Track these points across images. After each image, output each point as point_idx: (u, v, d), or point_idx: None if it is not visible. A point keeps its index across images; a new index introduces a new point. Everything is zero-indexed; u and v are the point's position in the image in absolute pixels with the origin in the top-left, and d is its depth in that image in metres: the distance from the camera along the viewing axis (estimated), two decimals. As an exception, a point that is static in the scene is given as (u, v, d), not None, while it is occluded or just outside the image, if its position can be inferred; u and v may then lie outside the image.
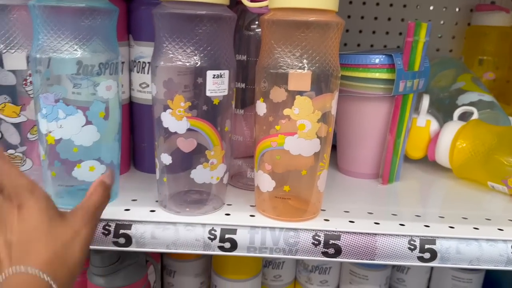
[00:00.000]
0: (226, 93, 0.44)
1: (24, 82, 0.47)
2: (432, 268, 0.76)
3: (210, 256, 0.70)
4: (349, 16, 0.86)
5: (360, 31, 0.87)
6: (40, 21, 0.41)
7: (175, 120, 0.43)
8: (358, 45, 0.88)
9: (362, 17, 0.87)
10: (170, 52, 0.42)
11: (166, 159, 0.45)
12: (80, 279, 0.57)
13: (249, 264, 0.67)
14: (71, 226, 0.35)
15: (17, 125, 0.48)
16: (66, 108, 0.42)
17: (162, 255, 0.70)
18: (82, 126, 0.43)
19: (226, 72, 0.44)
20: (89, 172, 0.45)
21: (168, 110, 0.43)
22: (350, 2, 0.86)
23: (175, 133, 0.44)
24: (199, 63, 0.42)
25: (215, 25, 0.42)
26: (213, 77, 0.43)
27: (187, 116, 0.43)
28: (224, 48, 0.44)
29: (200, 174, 0.45)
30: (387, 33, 0.88)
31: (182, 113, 0.43)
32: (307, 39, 0.41)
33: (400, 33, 0.87)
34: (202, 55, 0.42)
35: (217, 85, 0.43)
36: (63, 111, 0.42)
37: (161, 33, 0.43)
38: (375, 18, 0.87)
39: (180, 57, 0.42)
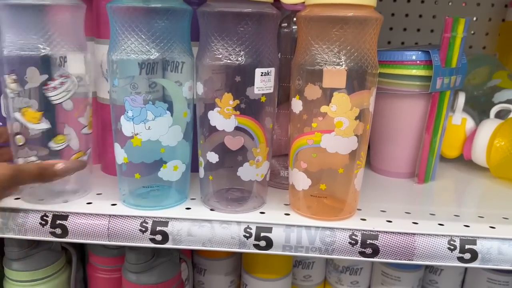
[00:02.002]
0: (272, 90, 0.44)
1: (45, 87, 0.44)
2: (466, 269, 0.74)
3: (240, 254, 0.70)
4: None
5: (391, 28, 0.86)
6: (120, 23, 0.41)
7: (223, 118, 0.43)
8: (389, 42, 0.87)
9: (393, 14, 0.85)
10: (218, 50, 0.42)
11: (212, 157, 0.45)
12: (116, 276, 0.58)
13: (280, 263, 0.66)
14: None
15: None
16: (155, 110, 0.43)
17: (192, 253, 0.71)
18: (170, 127, 0.44)
19: (272, 70, 0.44)
20: (174, 171, 0.45)
21: (216, 109, 0.43)
22: (381, 0, 0.85)
23: (223, 131, 0.44)
24: (247, 61, 0.42)
25: (261, 22, 0.42)
26: (261, 75, 0.43)
27: (235, 114, 0.43)
28: (270, 45, 0.44)
29: (246, 172, 0.45)
30: (418, 30, 0.86)
31: (231, 111, 0.43)
32: (345, 35, 0.41)
33: (432, 30, 0.86)
34: (250, 52, 0.42)
35: (264, 82, 0.43)
36: (152, 113, 0.43)
37: (207, 31, 0.43)
38: (406, 15, 0.85)
39: (228, 55, 0.42)
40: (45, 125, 0.44)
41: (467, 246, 0.43)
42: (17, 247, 0.54)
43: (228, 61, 0.42)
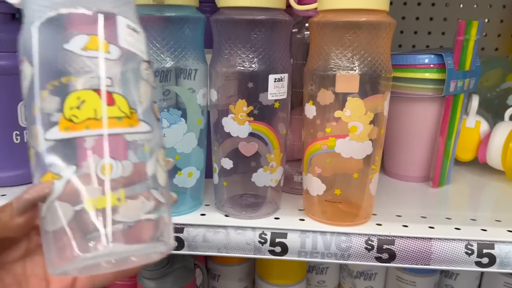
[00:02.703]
0: (285, 96, 0.44)
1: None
2: (482, 274, 0.73)
3: (254, 260, 0.70)
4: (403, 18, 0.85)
5: (401, 32, 0.86)
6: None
7: (237, 124, 0.43)
8: (400, 46, 0.86)
9: (403, 18, 0.85)
10: (231, 57, 0.43)
11: (226, 163, 0.45)
12: (131, 282, 0.58)
13: (294, 269, 0.66)
14: None
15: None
16: (170, 117, 0.43)
17: (206, 259, 0.71)
18: (184, 134, 0.44)
19: (285, 76, 0.44)
20: (188, 178, 0.46)
21: (230, 115, 0.43)
22: (391, 3, 0.84)
23: (237, 137, 0.44)
24: (260, 67, 0.42)
25: (274, 29, 0.43)
26: (275, 81, 0.43)
27: (249, 121, 0.43)
28: (282, 51, 0.44)
29: (261, 177, 0.45)
30: (429, 33, 0.86)
31: (244, 117, 0.43)
32: (358, 40, 0.41)
33: (443, 33, 0.85)
34: (263, 59, 0.42)
35: (278, 88, 0.43)
36: (167, 120, 0.43)
37: (221, 39, 0.43)
38: (417, 18, 0.85)
39: (242, 62, 0.42)
40: None
41: (484, 251, 0.43)
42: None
43: (242, 68, 0.42)
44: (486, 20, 0.85)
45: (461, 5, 0.84)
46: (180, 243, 0.44)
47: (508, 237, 0.43)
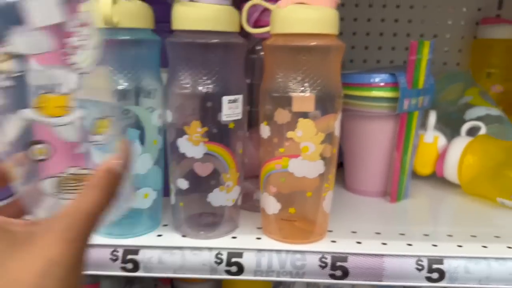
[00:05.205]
0: (240, 117, 0.45)
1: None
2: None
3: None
4: (354, 33, 0.87)
5: (366, 47, 0.88)
6: None
7: (192, 145, 0.44)
8: (364, 61, 0.88)
9: (368, 34, 0.87)
10: (186, 79, 0.43)
11: (182, 183, 0.46)
12: (91, 303, 0.58)
13: (259, 286, 0.66)
14: (40, 253, 0.24)
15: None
16: None
17: (172, 278, 0.71)
18: (139, 155, 0.44)
19: (240, 97, 0.45)
20: (144, 199, 0.46)
21: (185, 136, 0.44)
22: (355, 19, 0.86)
23: (192, 158, 0.44)
24: (214, 89, 0.43)
25: (227, 51, 0.44)
26: (229, 102, 0.44)
27: (203, 141, 0.44)
28: (236, 73, 0.45)
29: (217, 197, 0.46)
30: (393, 48, 0.88)
31: (199, 138, 0.44)
32: (309, 63, 0.42)
33: (407, 48, 0.88)
34: (217, 81, 0.43)
35: (232, 109, 0.44)
36: None
37: (175, 60, 0.44)
38: (381, 34, 0.87)
39: (195, 83, 0.43)
40: None
41: (434, 266, 0.44)
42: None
43: (196, 89, 0.43)
44: (448, 36, 0.88)
45: (423, 21, 0.87)
46: (135, 265, 0.44)
47: (457, 252, 0.45)
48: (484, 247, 0.46)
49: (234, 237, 0.47)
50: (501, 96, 0.83)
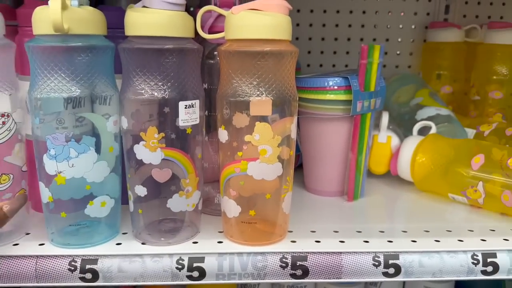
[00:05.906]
0: (197, 122, 0.45)
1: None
2: (404, 280, 0.77)
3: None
4: (310, 38, 0.89)
5: (322, 52, 0.90)
6: (39, 62, 0.41)
7: (149, 151, 0.44)
8: (321, 65, 0.90)
9: (323, 39, 0.89)
10: (140, 85, 0.43)
11: (140, 190, 0.45)
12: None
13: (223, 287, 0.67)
14: None
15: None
16: (78, 147, 0.42)
17: (134, 286, 0.70)
18: (94, 163, 0.43)
19: (197, 102, 0.45)
20: (101, 207, 0.45)
21: (142, 142, 0.44)
22: (310, 25, 0.88)
23: (150, 164, 0.44)
24: (170, 94, 0.43)
25: (183, 57, 0.43)
26: (185, 108, 0.44)
27: (161, 147, 0.44)
28: (193, 78, 0.45)
29: (177, 203, 0.46)
30: (347, 52, 0.91)
31: (156, 144, 0.44)
32: (263, 67, 0.42)
33: (359, 52, 0.90)
34: (172, 86, 0.43)
35: (189, 115, 0.44)
36: (75, 150, 0.42)
37: (129, 67, 0.43)
38: (335, 39, 0.90)
39: (150, 89, 0.43)
40: None
41: (390, 261, 0.45)
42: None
43: (151, 95, 0.43)
44: (399, 40, 0.92)
45: (376, 26, 0.90)
46: (94, 275, 0.43)
47: (411, 247, 0.46)
48: (437, 241, 0.48)
49: (195, 242, 0.47)
50: (450, 96, 0.88)
